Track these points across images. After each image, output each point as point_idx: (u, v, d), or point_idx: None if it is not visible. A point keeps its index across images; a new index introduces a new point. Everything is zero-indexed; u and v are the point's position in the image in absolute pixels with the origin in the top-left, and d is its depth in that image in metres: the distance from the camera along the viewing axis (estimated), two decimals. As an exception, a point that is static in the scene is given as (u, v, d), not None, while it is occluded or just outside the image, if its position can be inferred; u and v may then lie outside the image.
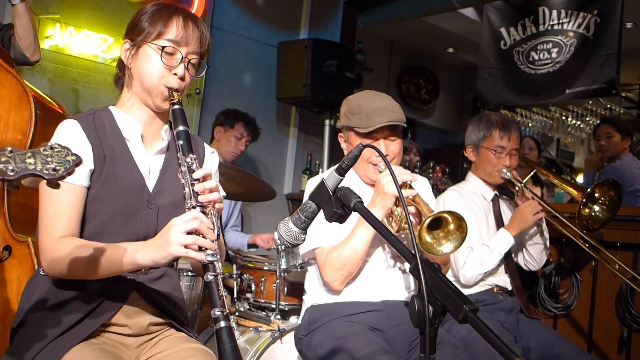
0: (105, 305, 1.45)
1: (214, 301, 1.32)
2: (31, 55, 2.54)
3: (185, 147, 1.44)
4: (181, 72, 1.50)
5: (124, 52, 1.55)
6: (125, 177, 1.48)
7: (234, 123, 3.62)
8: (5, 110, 1.96)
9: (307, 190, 2.08)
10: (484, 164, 2.57)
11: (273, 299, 2.60)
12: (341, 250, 1.88)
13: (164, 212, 1.49)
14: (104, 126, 1.50)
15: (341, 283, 1.93)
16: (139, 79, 1.51)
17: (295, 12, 4.83)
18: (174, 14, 1.51)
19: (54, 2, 3.52)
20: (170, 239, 1.31)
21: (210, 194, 1.40)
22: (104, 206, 1.46)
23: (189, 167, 1.41)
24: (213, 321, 1.31)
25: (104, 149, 1.47)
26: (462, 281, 2.44)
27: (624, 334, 2.85)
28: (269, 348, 2.36)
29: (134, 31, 1.53)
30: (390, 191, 1.83)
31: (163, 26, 1.49)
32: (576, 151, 8.38)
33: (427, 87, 7.38)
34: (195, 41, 1.52)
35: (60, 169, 1.08)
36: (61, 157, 1.09)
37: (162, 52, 1.48)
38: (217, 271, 1.33)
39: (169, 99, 1.50)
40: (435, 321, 1.08)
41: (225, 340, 1.28)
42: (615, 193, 2.54)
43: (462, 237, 1.76)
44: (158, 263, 1.35)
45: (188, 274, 2.57)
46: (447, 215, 1.76)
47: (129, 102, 1.56)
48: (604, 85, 4.44)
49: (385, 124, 1.94)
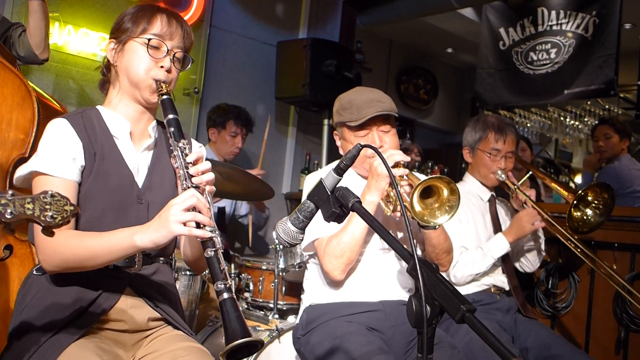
0: (101, 301, 1.46)
1: (216, 275, 1.34)
2: (40, 53, 2.54)
3: (176, 133, 1.49)
4: (167, 64, 1.53)
5: (109, 51, 1.58)
6: (115, 173, 1.50)
7: (224, 122, 3.58)
8: (8, 109, 1.96)
9: (305, 187, 2.08)
10: (479, 165, 2.58)
11: (271, 298, 2.60)
12: (340, 237, 1.89)
13: (154, 208, 1.51)
14: (92, 124, 1.52)
15: (342, 272, 1.93)
16: (127, 74, 1.54)
17: (295, 12, 4.83)
18: (157, 11, 1.56)
19: (53, 1, 3.51)
20: (170, 217, 1.33)
21: (204, 176, 1.45)
22: (95, 202, 1.48)
23: (182, 151, 1.46)
24: (216, 294, 1.33)
25: (93, 146, 1.49)
26: (452, 280, 2.45)
27: (621, 334, 2.86)
28: (267, 347, 2.36)
29: (118, 30, 1.57)
30: (384, 172, 1.84)
31: (147, 23, 1.53)
32: (574, 152, 8.38)
33: (426, 87, 7.38)
34: (179, 36, 1.56)
35: (58, 217, 1.10)
36: (59, 205, 1.11)
37: (148, 45, 1.51)
38: (216, 246, 1.36)
39: (157, 91, 1.53)
40: (433, 321, 1.08)
41: (229, 310, 1.30)
42: (608, 196, 2.54)
43: (456, 203, 1.76)
44: (158, 243, 1.37)
45: (186, 273, 2.57)
46: (437, 182, 1.76)
47: (116, 99, 1.58)
48: (603, 86, 4.45)
49: (376, 114, 1.95)
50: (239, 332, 1.26)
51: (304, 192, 2.07)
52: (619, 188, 3.64)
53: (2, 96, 1.95)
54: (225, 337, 1.27)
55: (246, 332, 1.27)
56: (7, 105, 1.96)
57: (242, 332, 1.26)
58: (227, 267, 1.36)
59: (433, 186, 1.77)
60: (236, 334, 1.26)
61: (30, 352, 1.37)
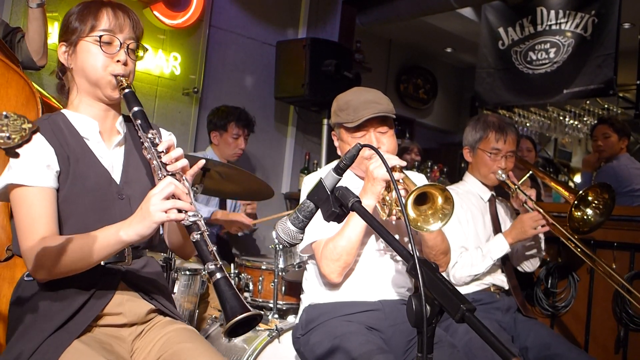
0: (96, 298, 1.47)
1: (205, 257, 1.34)
2: (38, 60, 2.54)
3: (144, 125, 1.48)
4: (123, 57, 1.52)
5: (61, 55, 1.56)
6: (92, 174, 1.50)
7: (226, 125, 3.57)
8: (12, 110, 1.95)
9: (303, 188, 2.08)
10: (479, 165, 2.58)
11: (271, 298, 2.60)
12: (336, 240, 1.89)
13: (135, 202, 1.51)
14: (60, 129, 1.51)
15: (339, 275, 1.93)
16: (84, 75, 1.53)
17: (294, 11, 4.83)
18: (101, 6, 1.54)
19: (52, 1, 3.51)
20: (151, 208, 1.34)
21: (178, 162, 1.44)
22: (77, 205, 1.47)
23: (152, 142, 1.45)
24: (208, 275, 1.34)
25: (65, 150, 1.48)
26: (452, 280, 2.45)
27: (620, 333, 2.86)
28: (267, 347, 2.36)
29: (67, 32, 1.54)
30: (380, 175, 1.83)
31: (94, 19, 1.51)
32: (573, 151, 8.39)
33: (425, 87, 7.38)
34: (129, 27, 1.54)
35: (16, 137, 1.06)
36: (17, 125, 1.07)
37: (100, 42, 1.50)
38: (201, 229, 1.36)
39: (118, 86, 1.52)
40: (433, 321, 1.08)
41: (224, 289, 1.30)
42: (609, 196, 2.54)
43: (450, 211, 1.73)
44: (143, 235, 1.37)
45: (186, 273, 2.57)
46: (432, 189, 1.74)
47: (76, 100, 1.57)
48: (602, 86, 4.46)
49: (372, 116, 1.95)
50: (237, 309, 1.27)
51: (302, 193, 2.07)
52: (617, 187, 3.64)
53: (7, 97, 1.95)
54: (225, 315, 1.28)
55: (245, 308, 1.27)
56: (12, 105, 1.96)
57: (240, 308, 1.27)
58: (215, 248, 1.36)
59: (428, 193, 1.75)
60: (235, 311, 1.26)
61: (31, 350, 1.37)
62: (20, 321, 1.45)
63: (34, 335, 1.40)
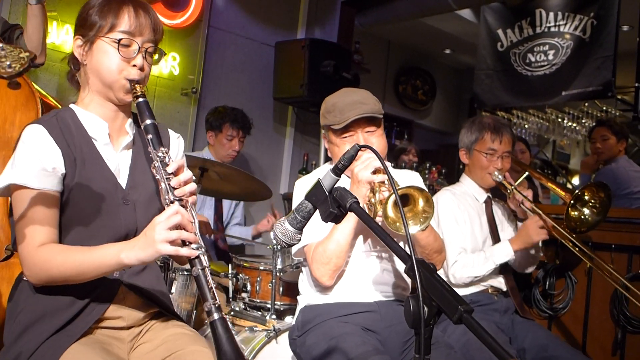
0: (97, 300, 1.46)
1: (204, 295, 1.33)
2: (37, 57, 2.53)
3: (155, 140, 1.44)
4: (140, 62, 1.48)
5: (76, 49, 1.51)
6: (98, 178, 1.47)
7: (220, 126, 3.56)
8: (11, 109, 1.95)
9: (295, 192, 2.07)
10: (476, 166, 2.58)
11: (268, 298, 2.60)
12: (326, 244, 1.89)
13: (141, 207, 1.50)
14: (69, 127, 1.47)
15: (330, 278, 1.93)
16: (98, 75, 1.49)
17: (293, 12, 4.83)
18: (123, 3, 1.48)
19: (51, 0, 3.50)
20: (156, 237, 1.31)
21: (186, 187, 1.41)
22: (80, 209, 1.45)
23: (162, 161, 1.41)
24: (206, 314, 1.32)
25: (72, 151, 1.45)
26: (451, 280, 2.45)
27: (618, 335, 2.86)
28: (264, 348, 2.36)
29: (84, 26, 1.49)
30: (364, 178, 1.82)
31: (114, 18, 1.46)
32: (572, 153, 8.41)
33: (424, 88, 7.39)
34: (149, 29, 1.49)
35: (16, 65, 1.06)
36: (15, 55, 1.07)
37: (118, 45, 1.45)
38: (203, 264, 1.34)
39: (132, 92, 1.48)
40: (431, 322, 1.08)
41: (220, 332, 1.29)
42: (605, 195, 2.54)
43: (430, 215, 1.71)
44: (144, 262, 1.36)
45: (183, 273, 2.56)
46: (414, 191, 1.71)
47: (87, 98, 1.53)
48: (600, 88, 4.46)
49: (357, 117, 1.95)
50: (230, 355, 1.27)
51: (294, 197, 2.06)
52: (616, 189, 3.65)
53: (6, 96, 1.95)
54: (218, 358, 1.28)
55: (240, 356, 1.28)
56: (11, 105, 1.96)
57: (233, 355, 1.27)
58: (214, 285, 1.35)
59: (410, 195, 1.73)
60: (228, 358, 1.27)
61: (30, 352, 1.37)
62: (19, 321, 1.44)
63: (33, 336, 1.39)
